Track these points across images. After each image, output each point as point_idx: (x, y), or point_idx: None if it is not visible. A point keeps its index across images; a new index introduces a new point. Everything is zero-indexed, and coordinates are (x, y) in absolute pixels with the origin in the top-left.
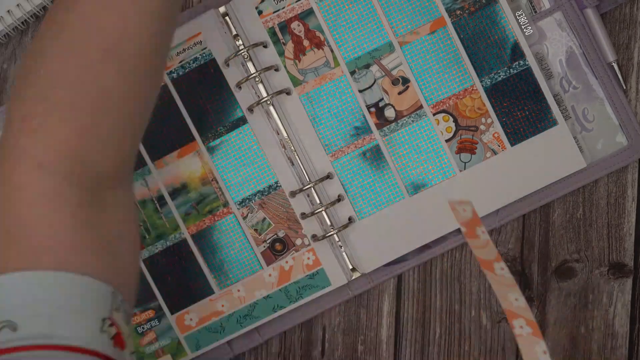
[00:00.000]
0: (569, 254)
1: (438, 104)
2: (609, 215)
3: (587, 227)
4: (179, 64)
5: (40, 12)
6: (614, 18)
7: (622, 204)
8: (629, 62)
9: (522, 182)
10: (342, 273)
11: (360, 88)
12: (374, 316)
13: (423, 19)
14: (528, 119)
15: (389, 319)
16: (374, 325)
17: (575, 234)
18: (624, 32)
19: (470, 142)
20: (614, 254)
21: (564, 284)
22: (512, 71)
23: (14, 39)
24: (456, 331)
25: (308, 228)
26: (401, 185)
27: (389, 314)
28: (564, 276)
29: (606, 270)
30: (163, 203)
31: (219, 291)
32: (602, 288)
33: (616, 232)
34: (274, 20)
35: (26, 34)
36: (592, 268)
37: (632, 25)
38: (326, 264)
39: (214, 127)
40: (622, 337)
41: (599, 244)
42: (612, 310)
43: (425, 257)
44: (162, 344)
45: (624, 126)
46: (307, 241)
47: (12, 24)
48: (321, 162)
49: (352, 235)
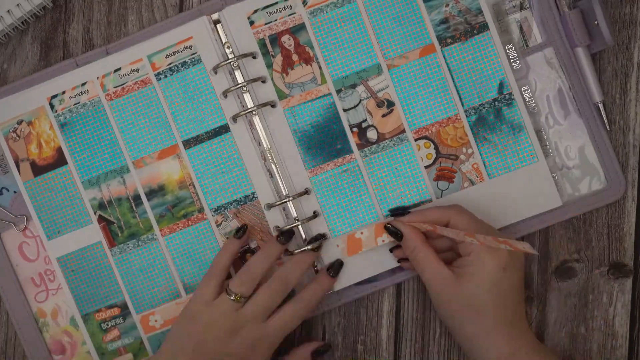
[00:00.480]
0: (569, 254)
1: (421, 129)
2: (609, 215)
3: (587, 227)
4: (167, 66)
5: (40, 12)
6: (614, 18)
7: (622, 204)
8: (629, 62)
9: (497, 214)
10: None
11: (345, 107)
12: (374, 316)
13: (413, 44)
14: (509, 152)
15: (389, 319)
16: (374, 325)
17: (575, 234)
18: (624, 32)
19: (450, 171)
20: (614, 254)
21: (564, 284)
22: (497, 104)
23: (14, 39)
24: None
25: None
26: (377, 206)
27: (389, 314)
28: (564, 276)
29: (606, 270)
30: (139, 203)
31: (186, 295)
32: (602, 288)
33: (616, 232)
34: (265, 31)
35: (26, 34)
36: (592, 268)
37: (632, 25)
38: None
39: (196, 132)
40: (622, 337)
41: (599, 244)
42: (612, 310)
43: (397, 279)
44: (125, 342)
45: (604, 167)
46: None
47: (12, 24)
48: (300, 177)
49: (324, 253)
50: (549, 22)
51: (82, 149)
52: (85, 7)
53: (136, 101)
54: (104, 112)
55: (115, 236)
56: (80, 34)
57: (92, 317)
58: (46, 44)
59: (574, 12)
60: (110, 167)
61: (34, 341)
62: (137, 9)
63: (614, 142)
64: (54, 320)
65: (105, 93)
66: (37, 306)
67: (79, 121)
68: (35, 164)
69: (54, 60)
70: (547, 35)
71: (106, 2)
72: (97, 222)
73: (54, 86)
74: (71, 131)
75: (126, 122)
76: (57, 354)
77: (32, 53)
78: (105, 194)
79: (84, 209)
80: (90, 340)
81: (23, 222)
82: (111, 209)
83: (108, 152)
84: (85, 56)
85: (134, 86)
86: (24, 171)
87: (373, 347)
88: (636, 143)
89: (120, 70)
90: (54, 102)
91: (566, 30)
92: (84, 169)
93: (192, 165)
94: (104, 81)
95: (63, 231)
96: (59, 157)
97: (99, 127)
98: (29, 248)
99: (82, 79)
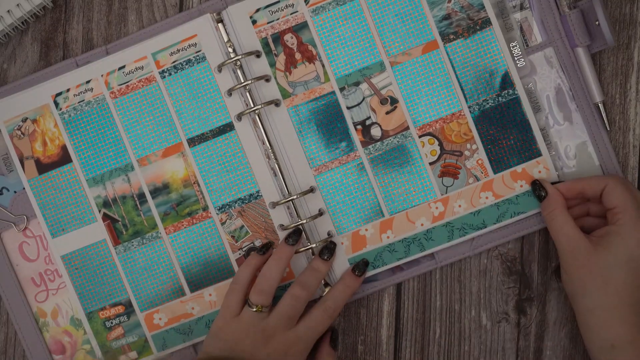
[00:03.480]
0: None
1: (425, 126)
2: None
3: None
4: (171, 64)
5: (40, 12)
6: (614, 18)
7: None
8: (629, 62)
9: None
10: None
11: (349, 105)
12: (374, 316)
13: (416, 40)
14: (513, 148)
15: (389, 319)
16: (374, 325)
17: None
18: (624, 32)
19: (454, 167)
20: None
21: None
22: (501, 100)
23: (14, 39)
24: (456, 331)
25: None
26: (382, 204)
27: (389, 314)
28: None
29: None
30: (143, 201)
31: (190, 294)
32: None
33: None
34: (267, 30)
35: (26, 33)
36: None
37: (632, 25)
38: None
39: (201, 130)
40: None
41: None
42: None
43: (397, 279)
44: (129, 340)
45: (604, 167)
46: None
47: (12, 24)
48: (304, 176)
49: None
50: (549, 22)
51: (86, 147)
52: (85, 7)
53: (140, 99)
54: (109, 110)
55: (119, 234)
56: (80, 34)
57: (97, 315)
58: (46, 44)
59: (574, 12)
60: (114, 165)
61: (34, 341)
62: (137, 8)
63: (614, 142)
64: (54, 320)
65: (109, 91)
66: (37, 306)
67: (84, 119)
68: (40, 162)
69: (54, 60)
70: (547, 35)
71: (106, 2)
72: (101, 220)
73: (58, 84)
74: (76, 129)
75: (130, 120)
76: (57, 354)
77: (32, 53)
78: (110, 192)
79: (88, 207)
80: (94, 338)
81: (23, 222)
82: (116, 207)
83: (112, 150)
84: (85, 56)
85: (138, 84)
86: (29, 169)
87: (373, 347)
88: (636, 143)
89: (125, 68)
90: (59, 99)
91: (566, 30)
92: (88, 167)
93: (196, 164)
94: (109, 79)
95: (67, 229)
96: (64, 154)
97: (103, 125)
98: (29, 248)
99: (87, 77)
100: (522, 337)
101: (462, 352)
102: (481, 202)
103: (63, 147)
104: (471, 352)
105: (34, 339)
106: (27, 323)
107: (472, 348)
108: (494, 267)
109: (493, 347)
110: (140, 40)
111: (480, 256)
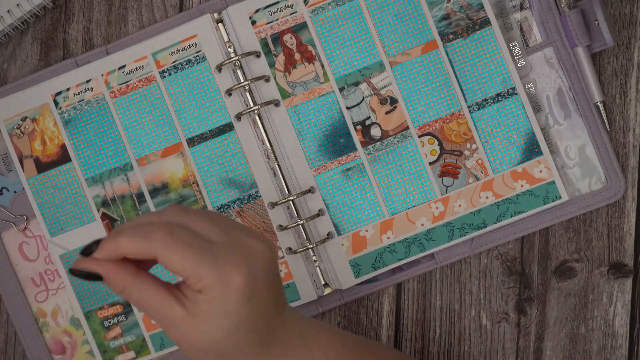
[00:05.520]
0: (569, 254)
1: (424, 126)
2: (609, 215)
3: (587, 227)
4: (171, 64)
5: (40, 12)
6: (614, 18)
7: (622, 204)
8: (629, 62)
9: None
10: (312, 288)
11: (348, 105)
12: (374, 316)
13: (415, 40)
14: (513, 147)
15: (389, 319)
16: (374, 325)
17: (575, 234)
18: (624, 32)
19: (454, 167)
20: (614, 254)
21: (564, 284)
22: (501, 99)
23: (14, 39)
24: (456, 331)
25: (284, 240)
26: (382, 204)
27: (389, 314)
28: (564, 276)
29: (606, 270)
30: (142, 200)
31: None
32: (602, 288)
33: (616, 232)
34: (267, 31)
35: (26, 33)
36: (592, 268)
37: (632, 25)
38: (298, 278)
39: (200, 130)
40: (622, 337)
41: (599, 244)
42: (612, 310)
43: (397, 279)
44: (127, 340)
45: (604, 167)
46: (281, 253)
47: (12, 24)
48: (304, 176)
49: (330, 251)
50: (549, 22)
51: (86, 146)
52: (85, 7)
53: (140, 99)
54: (108, 110)
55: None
56: (80, 33)
57: (95, 314)
58: (46, 44)
59: (574, 12)
60: (113, 164)
61: (34, 341)
62: (137, 8)
63: (614, 142)
64: (54, 320)
65: (109, 90)
66: (37, 306)
67: (83, 118)
68: (39, 161)
69: (54, 60)
70: (547, 35)
71: (106, 2)
72: (100, 220)
73: (58, 83)
74: (75, 128)
75: (130, 120)
76: (57, 354)
77: (32, 53)
78: (109, 191)
79: (87, 206)
80: (92, 337)
81: (23, 222)
82: (114, 206)
83: (112, 150)
84: (85, 56)
85: (138, 84)
86: (28, 168)
87: None
88: (636, 143)
89: (125, 68)
90: (58, 99)
91: (566, 30)
92: (87, 166)
93: (195, 164)
94: (109, 78)
95: (66, 228)
96: (63, 154)
97: (103, 124)
98: (29, 248)
99: (87, 76)
100: (522, 337)
101: (462, 352)
102: (481, 201)
103: (62, 147)
104: (471, 352)
105: (34, 339)
106: (27, 323)
107: (472, 348)
108: (494, 267)
109: (493, 347)
110: (140, 40)
111: (480, 256)
